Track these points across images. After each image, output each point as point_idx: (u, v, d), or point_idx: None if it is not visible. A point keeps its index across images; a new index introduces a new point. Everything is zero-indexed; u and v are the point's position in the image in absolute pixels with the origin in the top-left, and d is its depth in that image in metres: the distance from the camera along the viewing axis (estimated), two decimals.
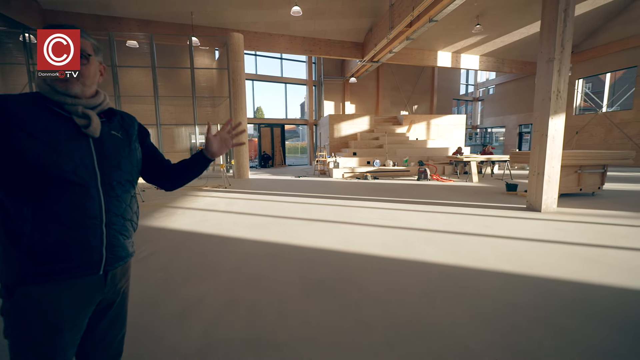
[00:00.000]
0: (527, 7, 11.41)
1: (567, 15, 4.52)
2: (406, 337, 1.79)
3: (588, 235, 3.62)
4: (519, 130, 19.59)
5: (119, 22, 10.34)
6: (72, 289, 0.90)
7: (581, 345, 1.69)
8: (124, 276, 1.09)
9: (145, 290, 2.43)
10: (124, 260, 1.03)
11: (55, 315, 0.88)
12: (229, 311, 2.12)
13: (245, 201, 6.28)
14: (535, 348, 1.67)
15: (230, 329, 1.91)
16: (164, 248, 3.45)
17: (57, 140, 0.87)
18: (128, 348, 1.67)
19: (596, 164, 5.98)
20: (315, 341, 1.77)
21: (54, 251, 0.86)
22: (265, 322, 1.98)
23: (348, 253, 3.19)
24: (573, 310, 2.03)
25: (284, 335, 1.84)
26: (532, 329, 1.84)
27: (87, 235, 0.89)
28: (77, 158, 0.88)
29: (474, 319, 1.96)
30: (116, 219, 0.97)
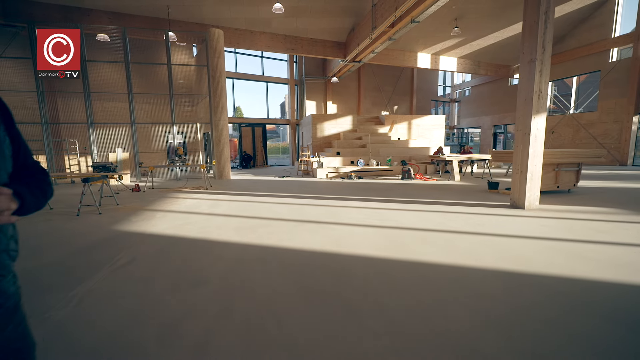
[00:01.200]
0: (502, 11, 11.85)
1: (548, 17, 4.65)
2: (414, 342, 1.70)
3: (573, 232, 3.72)
4: (494, 131, 20.36)
5: (89, 15, 9.71)
6: None
7: (588, 341, 1.67)
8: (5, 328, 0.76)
9: (126, 303, 2.20)
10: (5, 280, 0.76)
11: None
12: (222, 322, 1.94)
13: (229, 202, 6.03)
14: (543, 348, 1.63)
15: (225, 342, 1.74)
16: (144, 255, 3.19)
17: None
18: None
19: (572, 162, 6.23)
20: (320, 352, 1.64)
21: None
22: (264, 332, 1.83)
23: (342, 255, 3.08)
24: (573, 307, 2.02)
25: (286, 346, 1.70)
26: (538, 329, 1.80)
27: None
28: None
29: (478, 320, 1.90)
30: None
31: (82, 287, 2.44)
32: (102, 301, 2.24)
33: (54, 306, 2.15)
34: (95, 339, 1.79)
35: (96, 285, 2.47)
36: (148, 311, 2.09)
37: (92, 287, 2.44)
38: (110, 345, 1.74)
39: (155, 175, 10.75)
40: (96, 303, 2.21)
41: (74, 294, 2.32)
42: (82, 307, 2.16)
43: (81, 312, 2.10)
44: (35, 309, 2.11)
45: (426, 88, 21.18)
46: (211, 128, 9.98)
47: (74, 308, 2.14)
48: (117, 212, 5.25)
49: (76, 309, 2.12)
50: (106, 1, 9.67)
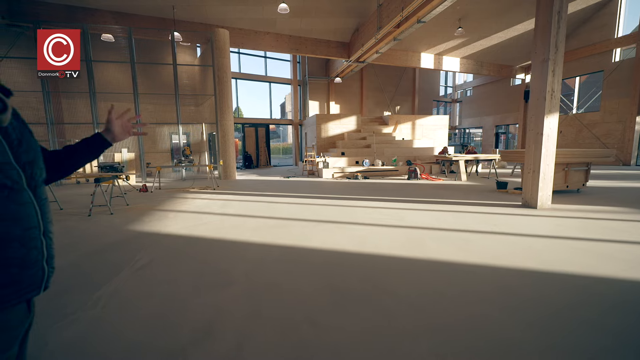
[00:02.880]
0: (506, 12, 11.87)
1: (561, 17, 4.66)
2: (452, 343, 1.69)
3: (589, 230, 3.71)
4: (496, 131, 20.39)
5: (93, 14, 9.68)
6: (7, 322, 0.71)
7: (619, 331, 1.66)
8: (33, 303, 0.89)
9: (153, 306, 2.18)
10: (53, 273, 0.84)
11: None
12: (255, 324, 1.92)
13: (239, 203, 6.01)
14: (575, 343, 1.62)
15: (261, 344, 1.72)
16: (162, 256, 3.16)
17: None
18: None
19: (582, 161, 6.24)
20: (357, 347, 1.63)
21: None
22: (299, 333, 1.81)
23: (364, 254, 3.07)
24: (599, 303, 2.01)
25: (323, 345, 1.68)
26: (573, 327, 1.79)
27: (29, 250, 0.73)
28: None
29: (504, 313, 1.89)
30: (50, 225, 0.81)
31: (106, 288, 2.42)
32: (130, 303, 2.22)
33: (81, 308, 2.13)
34: (129, 341, 1.77)
35: (120, 287, 2.45)
36: (179, 311, 2.07)
37: (117, 289, 2.42)
38: (146, 346, 1.72)
39: (160, 176, 10.71)
40: (124, 305, 2.19)
41: (99, 296, 2.30)
42: (110, 308, 2.13)
43: (111, 313, 2.07)
44: (60, 310, 2.09)
45: (428, 88, 21.21)
46: (217, 128, 9.95)
47: (102, 310, 2.12)
48: (128, 212, 5.22)
49: (105, 311, 2.10)
50: (111, 1, 9.63)
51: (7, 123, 0.71)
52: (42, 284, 0.78)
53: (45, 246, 0.78)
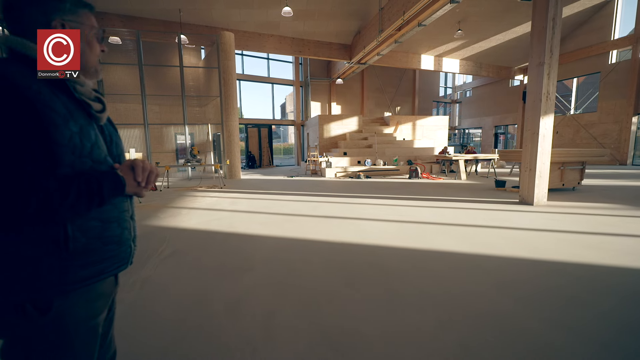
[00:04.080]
0: (504, 15, 12.12)
1: (555, 23, 4.91)
2: (451, 313, 1.93)
3: (582, 225, 3.96)
4: (495, 131, 20.65)
5: (102, 18, 9.90)
6: (102, 290, 0.84)
7: (600, 308, 1.91)
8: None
9: (189, 286, 2.42)
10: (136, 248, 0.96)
11: (94, 320, 0.82)
12: (280, 299, 2.17)
13: (247, 200, 6.25)
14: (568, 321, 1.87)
15: (288, 314, 1.96)
16: (184, 247, 3.40)
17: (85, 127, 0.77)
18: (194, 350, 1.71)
19: (577, 161, 6.49)
20: (372, 321, 1.87)
21: (96, 250, 0.78)
22: (319, 308, 2.05)
23: (370, 245, 3.31)
24: (587, 286, 2.26)
25: (341, 316, 1.92)
26: (562, 305, 2.04)
27: (123, 230, 0.86)
28: (102, 147, 0.81)
29: (505, 298, 2.14)
30: (134, 209, 0.95)
31: (139, 274, 2.66)
32: (165, 285, 2.46)
33: (120, 290, 2.36)
34: (172, 315, 2.01)
35: (151, 273, 2.69)
36: (209, 293, 2.32)
37: (149, 275, 2.66)
38: (188, 319, 1.96)
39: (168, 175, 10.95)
40: (160, 286, 2.43)
41: (134, 280, 2.54)
42: (147, 290, 2.38)
43: (149, 294, 2.32)
44: None
45: (428, 89, 21.47)
46: (222, 129, 10.19)
47: (140, 291, 2.36)
48: (143, 209, 5.45)
49: (142, 292, 2.34)
50: (119, 5, 9.87)
51: (104, 122, 0.87)
52: (129, 259, 0.90)
53: (132, 227, 0.91)
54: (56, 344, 0.74)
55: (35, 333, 0.72)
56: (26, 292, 0.70)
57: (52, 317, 0.72)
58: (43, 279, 0.70)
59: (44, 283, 0.71)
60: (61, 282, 0.72)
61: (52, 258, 0.71)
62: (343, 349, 1.65)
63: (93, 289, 0.80)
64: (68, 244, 0.72)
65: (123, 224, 0.86)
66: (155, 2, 9.73)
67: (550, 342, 1.67)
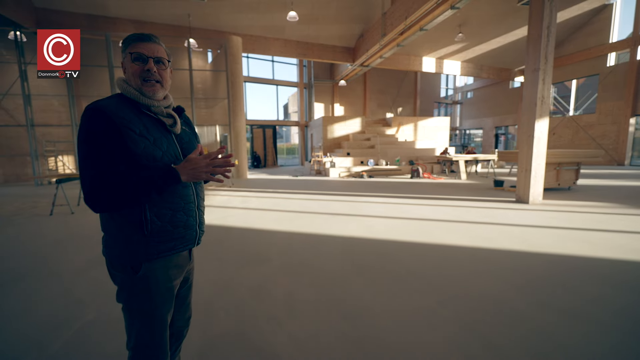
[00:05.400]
0: (504, 18, 12.40)
1: (550, 31, 5.20)
2: (452, 298, 2.24)
3: (573, 221, 4.25)
4: (495, 132, 20.91)
5: (114, 23, 10.24)
6: (176, 262, 1.11)
7: (588, 295, 2.21)
8: (193, 253, 1.27)
9: (213, 274, 2.73)
10: (203, 234, 1.20)
11: (170, 284, 1.09)
12: (297, 284, 2.48)
13: (257, 199, 6.56)
14: (561, 305, 2.17)
15: (306, 296, 2.27)
16: (204, 240, 3.70)
17: (158, 139, 1.02)
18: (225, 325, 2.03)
19: (572, 161, 6.77)
20: (380, 304, 2.18)
21: (168, 232, 1.05)
22: (333, 292, 2.36)
23: (378, 239, 3.62)
24: (575, 275, 2.56)
25: (354, 299, 2.23)
26: (554, 292, 2.34)
27: (188, 217, 1.10)
28: (172, 153, 1.05)
29: (502, 285, 2.44)
30: (201, 201, 1.19)
31: None
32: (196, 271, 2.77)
33: None
34: (202, 297, 2.32)
35: None
36: (234, 278, 2.63)
37: None
38: (218, 299, 2.27)
39: None
40: None
41: None
42: None
43: None
44: None
45: (429, 90, 21.75)
46: (229, 130, 10.51)
47: None
48: None
49: None
50: (130, 10, 10.20)
51: (180, 131, 1.14)
52: (196, 240, 1.15)
53: (198, 216, 1.15)
54: (143, 293, 1.04)
55: (132, 284, 1.03)
56: (127, 258, 1.02)
57: (140, 275, 1.02)
58: (134, 249, 1.01)
59: (135, 252, 1.01)
60: (145, 253, 1.01)
61: (139, 235, 1.00)
62: (354, 321, 1.96)
63: (169, 260, 1.08)
64: (147, 226, 1.00)
65: (189, 213, 1.11)
66: (165, 7, 10.06)
67: (538, 320, 1.97)
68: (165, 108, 1.08)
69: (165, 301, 1.08)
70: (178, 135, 1.11)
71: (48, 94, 10.45)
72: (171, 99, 1.14)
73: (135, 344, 1.06)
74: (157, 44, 1.05)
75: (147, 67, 1.01)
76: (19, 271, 2.85)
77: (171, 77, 1.12)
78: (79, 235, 3.99)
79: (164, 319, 1.08)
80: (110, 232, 1.04)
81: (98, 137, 0.92)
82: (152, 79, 1.03)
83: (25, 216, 5.16)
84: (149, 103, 1.03)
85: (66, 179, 5.47)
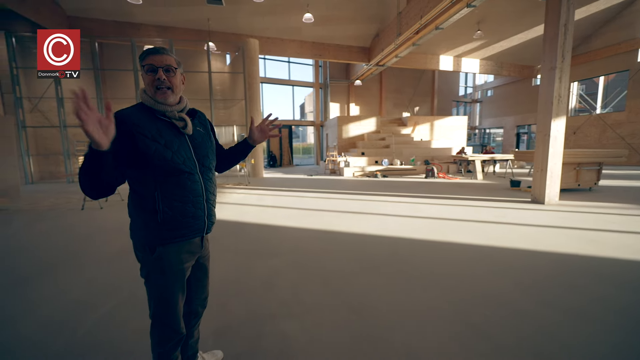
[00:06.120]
0: (525, 14, 12.05)
1: (567, 29, 5.09)
2: (459, 295, 2.32)
3: (585, 222, 4.18)
4: (517, 131, 20.27)
5: (139, 28, 10.78)
6: (188, 248, 1.26)
7: (591, 293, 2.24)
8: (208, 241, 1.44)
9: (225, 267, 2.92)
10: (213, 225, 1.36)
11: (180, 266, 1.24)
12: (304, 279, 2.63)
13: (272, 197, 6.78)
14: (566, 305, 2.21)
15: (314, 290, 2.42)
16: (221, 234, 3.94)
17: (170, 141, 1.17)
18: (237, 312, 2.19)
19: (593, 161, 6.56)
20: (386, 300, 2.30)
21: (178, 221, 1.20)
22: (338, 286, 2.50)
23: (388, 236, 3.72)
24: (582, 274, 2.58)
25: (358, 292, 2.36)
26: (560, 292, 2.38)
27: (196, 209, 1.25)
28: (183, 152, 1.20)
29: (502, 279, 2.49)
30: (211, 195, 1.32)
31: None
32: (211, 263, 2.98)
33: None
34: (218, 285, 2.51)
35: None
36: (247, 270, 2.81)
37: None
38: (230, 289, 2.46)
39: None
40: None
41: None
42: None
43: None
44: None
45: (447, 89, 21.36)
46: (247, 130, 10.81)
47: None
48: None
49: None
50: (153, 16, 10.70)
51: (192, 132, 1.29)
52: (204, 230, 1.30)
53: (206, 208, 1.28)
54: (158, 272, 1.21)
55: (149, 263, 1.21)
56: (145, 240, 1.20)
57: (155, 256, 1.19)
58: (150, 234, 1.19)
59: (151, 236, 1.19)
60: (159, 237, 1.19)
61: (153, 222, 1.17)
62: (359, 310, 2.09)
63: (181, 245, 1.24)
64: (160, 215, 1.17)
65: (197, 205, 1.25)
66: (186, 12, 10.48)
67: (543, 319, 2.03)
68: (179, 112, 1.23)
69: (177, 280, 1.25)
70: (191, 136, 1.25)
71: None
72: (185, 102, 1.28)
73: (154, 312, 1.26)
74: (165, 54, 1.18)
75: (157, 76, 1.16)
76: (59, 258, 3.17)
77: (184, 82, 1.26)
78: (107, 228, 4.32)
79: (175, 294, 1.26)
80: (133, 219, 1.23)
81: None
82: (163, 86, 1.17)
83: (61, 210, 5.60)
84: (163, 109, 1.19)
85: None
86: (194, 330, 1.48)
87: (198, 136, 1.29)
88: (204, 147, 1.30)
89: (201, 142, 1.29)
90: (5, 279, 2.70)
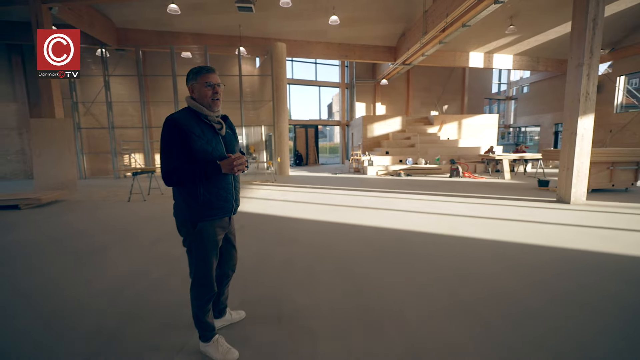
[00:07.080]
0: (562, 5, 11.44)
1: (596, 24, 4.96)
2: (460, 284, 2.51)
3: (612, 222, 4.09)
4: (555, 129, 19.16)
5: (177, 37, 11.66)
6: (220, 224, 1.61)
7: (602, 290, 2.33)
8: (234, 220, 1.79)
9: (253, 248, 3.31)
10: (238, 207, 1.72)
11: (215, 238, 1.59)
12: (318, 261, 2.93)
13: (296, 193, 7.16)
14: (566, 291, 2.34)
15: (323, 270, 2.72)
16: (249, 224, 4.35)
17: (210, 139, 1.52)
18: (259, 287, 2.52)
19: (630, 160, 6.25)
20: (394, 287, 2.54)
21: (214, 203, 1.55)
22: (350, 270, 2.77)
23: (403, 230, 3.92)
24: (591, 270, 2.65)
25: (366, 277, 2.62)
26: (571, 288, 2.49)
27: (227, 194, 1.61)
28: (219, 149, 1.54)
29: (508, 274, 2.64)
30: (237, 184, 1.69)
31: None
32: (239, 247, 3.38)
33: None
34: (244, 265, 2.89)
35: None
36: (268, 253, 3.17)
37: None
38: (257, 267, 2.83)
39: None
40: None
41: None
42: None
43: None
44: None
45: (479, 86, 20.64)
46: (274, 130, 11.33)
47: None
48: None
49: None
50: (190, 24, 11.53)
51: (225, 133, 1.67)
52: (232, 211, 1.66)
53: (234, 193, 1.66)
54: (198, 242, 1.56)
55: (192, 236, 1.56)
56: (189, 217, 1.56)
57: (197, 231, 1.55)
58: (192, 212, 1.54)
59: (193, 214, 1.54)
60: (200, 215, 1.54)
61: (195, 204, 1.52)
62: (364, 289, 2.36)
63: (215, 222, 1.60)
64: (200, 198, 1.52)
65: (228, 191, 1.61)
66: (219, 20, 11.18)
67: (555, 316, 2.18)
68: (216, 117, 1.59)
69: (213, 248, 1.61)
70: (223, 137, 1.62)
71: (125, 101, 12.26)
72: (220, 109, 1.63)
73: (195, 274, 1.62)
74: (216, 74, 1.57)
75: (215, 90, 1.54)
76: (113, 239, 3.73)
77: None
78: (151, 217, 4.91)
79: (211, 259, 1.62)
80: (177, 201, 1.60)
81: (170, 139, 1.47)
82: (218, 97, 1.55)
83: (112, 201, 6.36)
84: (207, 114, 1.53)
85: (140, 172, 6.60)
86: (224, 288, 1.87)
87: (228, 137, 1.66)
88: (232, 145, 1.67)
89: (230, 142, 1.66)
90: (75, 254, 3.28)
